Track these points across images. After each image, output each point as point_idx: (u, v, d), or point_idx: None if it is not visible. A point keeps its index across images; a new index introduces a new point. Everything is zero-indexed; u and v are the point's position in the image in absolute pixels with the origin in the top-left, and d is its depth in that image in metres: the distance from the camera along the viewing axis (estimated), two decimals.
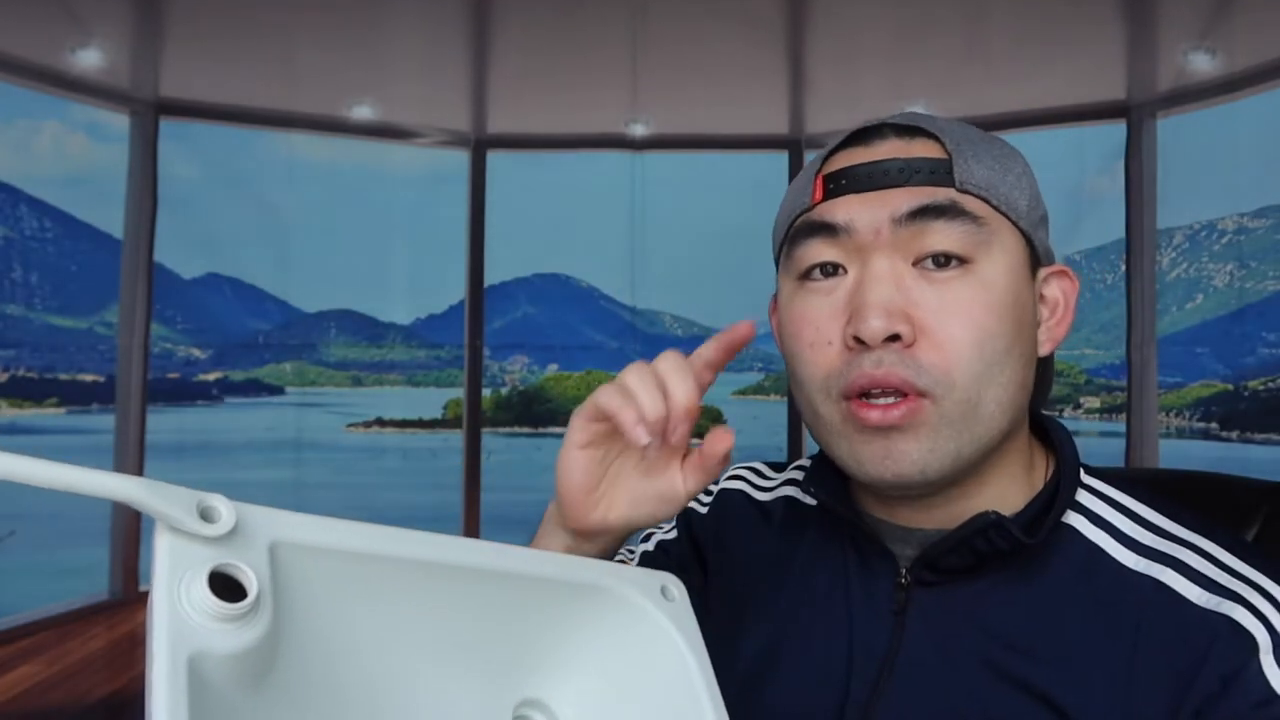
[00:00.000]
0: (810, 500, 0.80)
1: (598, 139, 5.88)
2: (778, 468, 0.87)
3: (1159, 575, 0.65)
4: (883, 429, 0.65)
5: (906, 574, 0.70)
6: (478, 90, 5.32)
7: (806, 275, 0.69)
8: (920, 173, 0.66)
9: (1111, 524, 0.69)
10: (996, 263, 0.66)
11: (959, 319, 0.64)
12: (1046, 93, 4.94)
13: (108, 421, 4.97)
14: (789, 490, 0.84)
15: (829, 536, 0.76)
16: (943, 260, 0.65)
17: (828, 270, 0.68)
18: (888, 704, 0.67)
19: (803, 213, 0.70)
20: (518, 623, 0.56)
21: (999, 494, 0.69)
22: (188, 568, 0.44)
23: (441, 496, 6.23)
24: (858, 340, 0.65)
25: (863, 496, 0.73)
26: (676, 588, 0.60)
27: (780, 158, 5.57)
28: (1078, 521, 0.69)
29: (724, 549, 0.83)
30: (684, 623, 0.59)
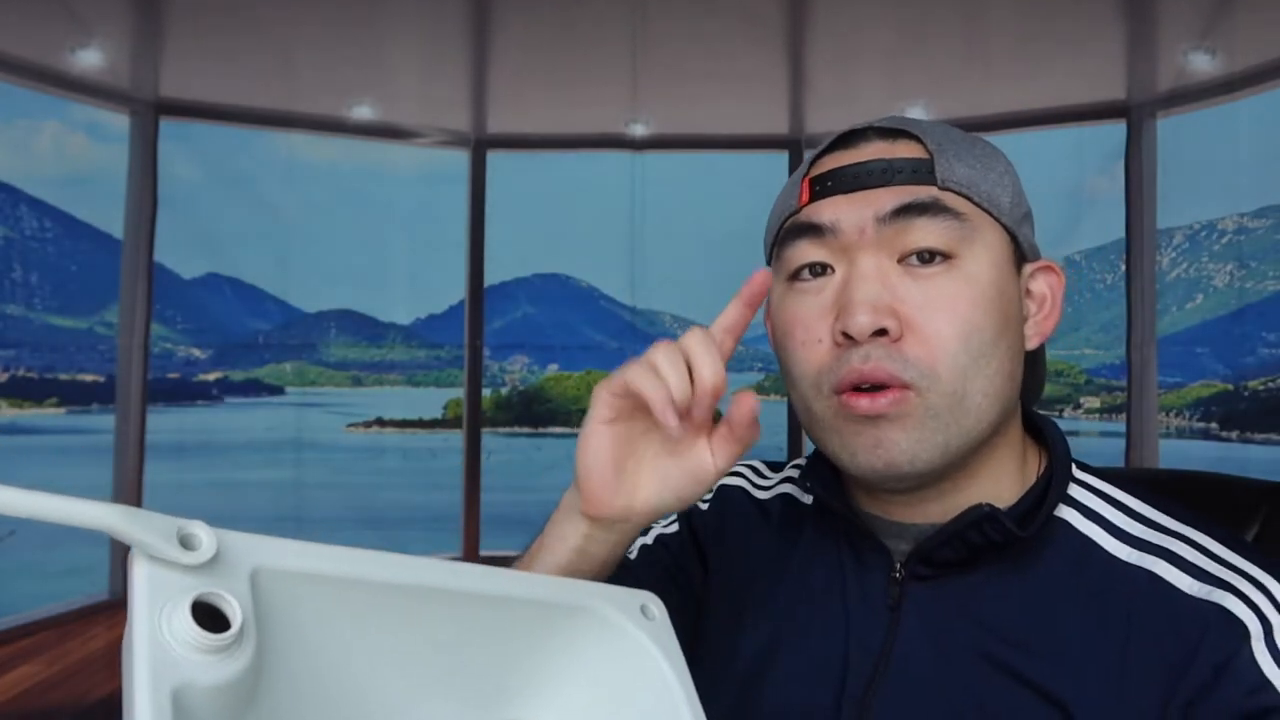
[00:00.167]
0: (807, 498, 0.81)
1: (598, 139, 5.88)
2: (776, 467, 0.88)
3: (1151, 566, 0.66)
4: (872, 417, 0.66)
5: (901, 568, 0.71)
6: (478, 90, 5.32)
7: (796, 276, 0.70)
8: (903, 172, 0.68)
9: (1103, 517, 0.70)
10: (980, 258, 0.67)
11: (944, 313, 0.66)
12: (1046, 93, 4.94)
13: (108, 421, 4.97)
14: (786, 488, 0.84)
15: (825, 533, 0.77)
16: (927, 256, 0.66)
17: (816, 270, 0.70)
18: (884, 698, 0.68)
19: (791, 215, 0.72)
20: (501, 645, 0.56)
21: (991, 488, 0.70)
22: (168, 597, 0.42)
23: (441, 496, 6.23)
24: (846, 336, 0.66)
25: (857, 493, 0.74)
26: (656, 606, 0.61)
27: (780, 158, 5.57)
28: (1070, 515, 0.70)
29: (725, 545, 0.83)
30: (664, 641, 0.59)
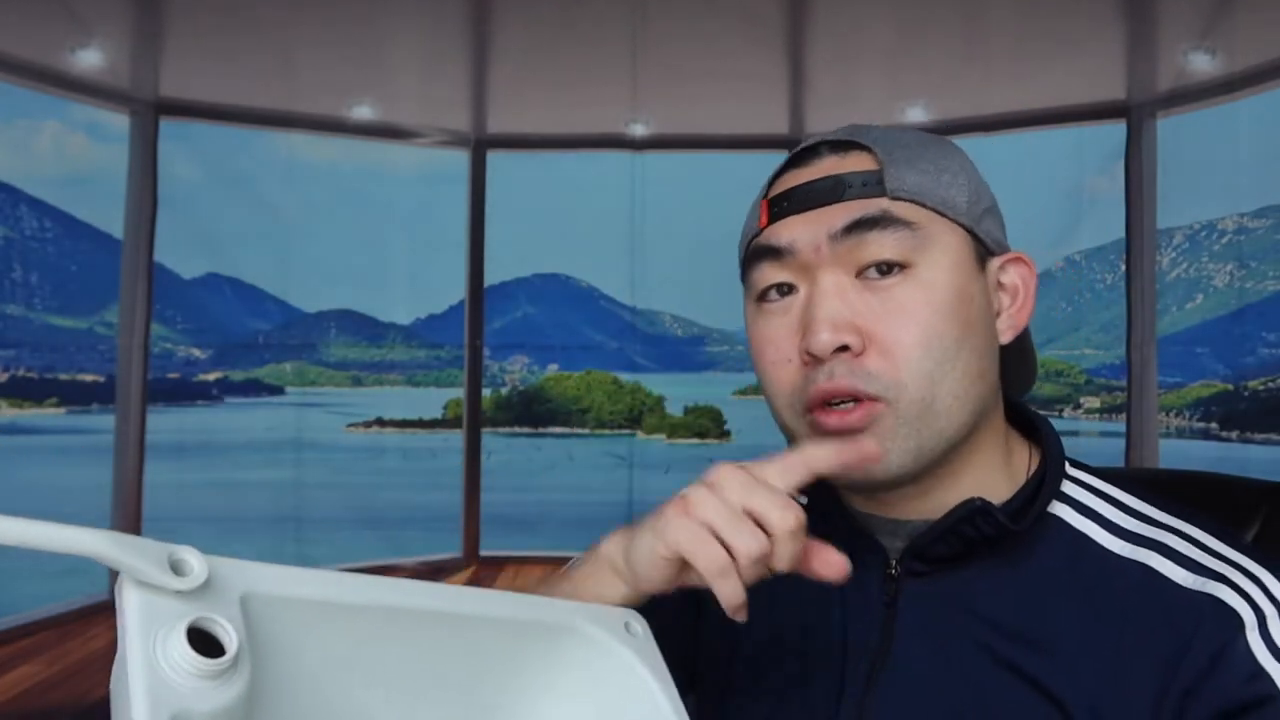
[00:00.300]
0: (801, 500, 0.81)
1: (598, 139, 5.88)
2: None
3: (1144, 559, 0.66)
4: (843, 433, 0.67)
5: (896, 565, 0.71)
6: (478, 90, 5.32)
7: (763, 297, 0.72)
8: (852, 187, 0.69)
9: (1097, 512, 0.70)
10: (937, 263, 0.68)
11: (904, 323, 0.66)
12: (1046, 93, 4.94)
13: (108, 421, 4.96)
14: None
15: (819, 534, 0.77)
16: (884, 268, 0.67)
17: (782, 290, 0.71)
18: (883, 693, 0.69)
19: (754, 237, 0.73)
20: (490, 664, 0.57)
21: (979, 483, 0.71)
22: (162, 624, 0.42)
23: (441, 496, 6.23)
24: (811, 355, 0.67)
25: (849, 495, 0.75)
26: (639, 624, 0.62)
27: (780, 158, 5.51)
28: (1063, 511, 0.71)
29: None
30: (649, 657, 0.60)
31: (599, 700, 0.59)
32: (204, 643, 0.42)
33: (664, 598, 0.63)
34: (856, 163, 0.70)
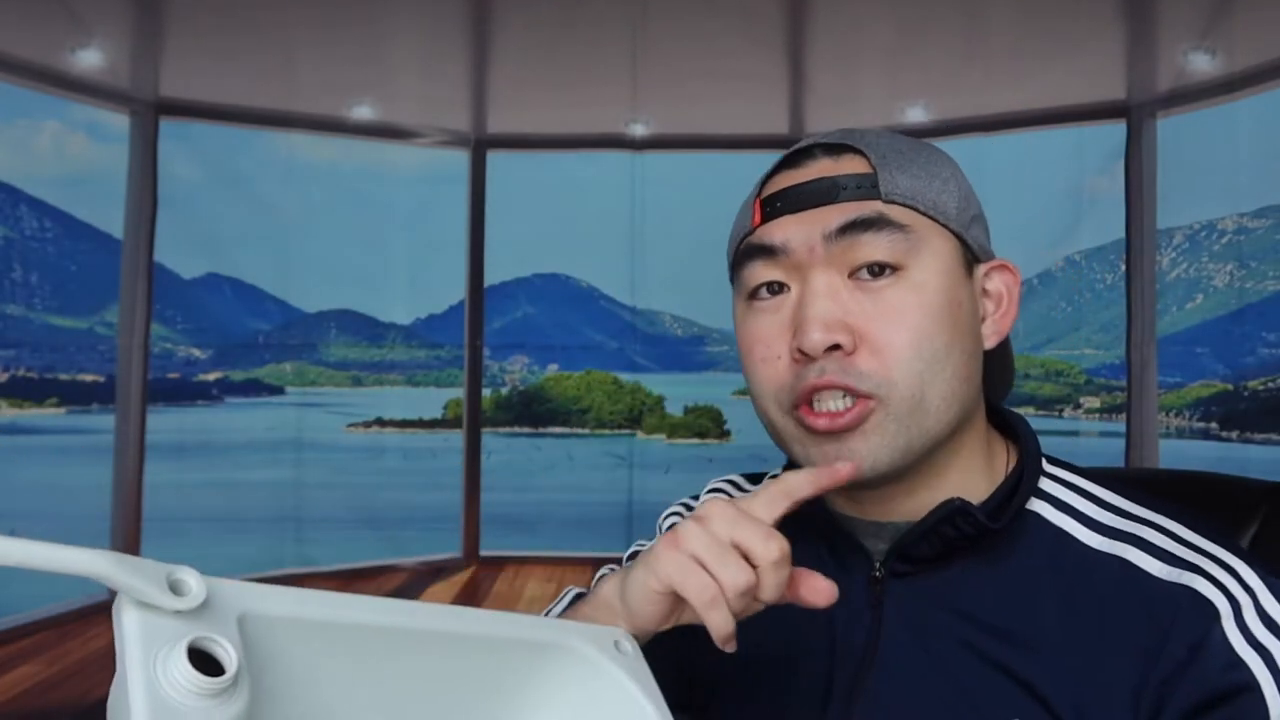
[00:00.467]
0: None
1: (598, 139, 5.88)
2: (754, 478, 0.90)
3: (1122, 553, 0.67)
4: (832, 434, 0.68)
5: (880, 566, 0.72)
6: (478, 90, 5.32)
7: (754, 295, 0.73)
8: (847, 189, 0.69)
9: (1074, 508, 0.71)
10: (928, 267, 0.69)
11: (895, 324, 0.68)
12: (1046, 93, 4.94)
13: (108, 421, 4.96)
14: None
15: (804, 538, 0.79)
16: (876, 270, 0.68)
17: (773, 289, 0.72)
18: (870, 692, 0.70)
19: (745, 236, 0.74)
20: (483, 682, 0.57)
21: (960, 483, 0.72)
22: (162, 643, 0.42)
23: (441, 496, 6.23)
24: (802, 353, 0.68)
25: (832, 497, 0.76)
26: (628, 641, 0.63)
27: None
28: (1042, 508, 0.72)
29: None
30: (639, 674, 0.61)
31: (590, 717, 0.60)
32: (203, 662, 0.43)
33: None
34: (850, 165, 0.71)
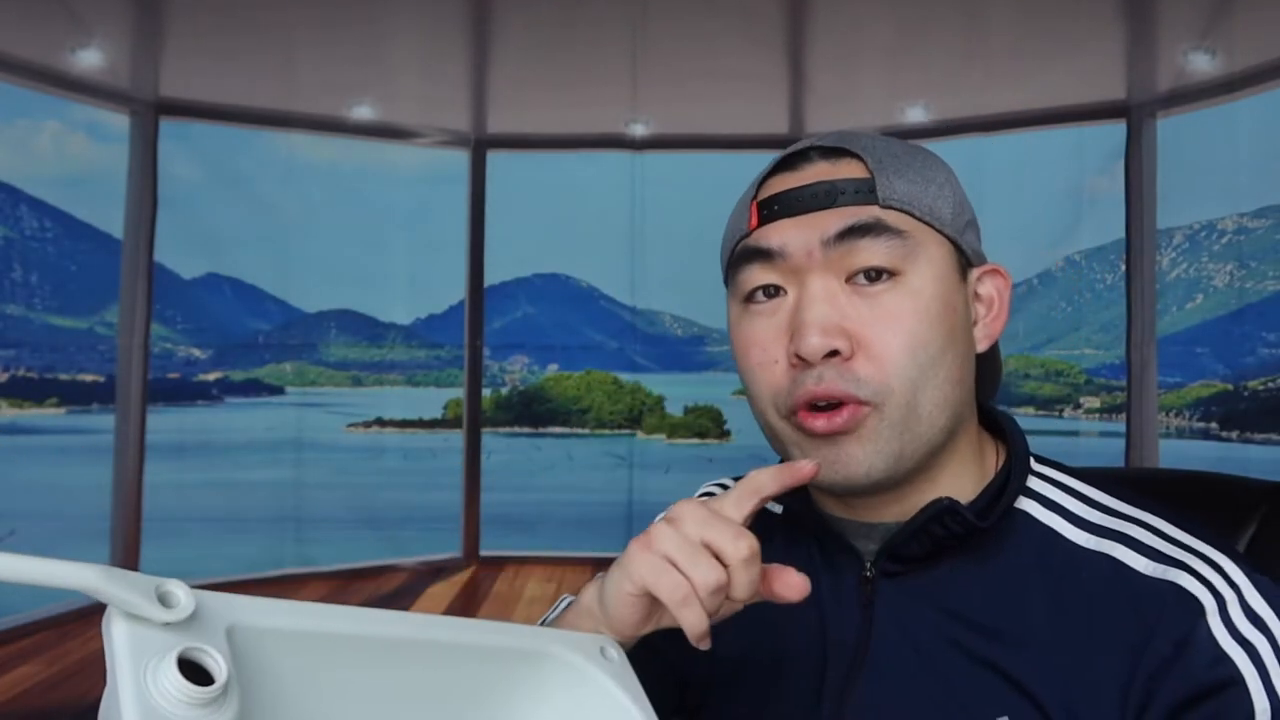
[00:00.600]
0: (775, 508, 0.83)
1: (598, 139, 5.88)
2: None
3: (1110, 551, 0.68)
4: (829, 435, 0.68)
5: (871, 567, 0.73)
6: (478, 90, 5.32)
7: (750, 298, 0.73)
8: (845, 194, 0.69)
9: (1062, 506, 0.72)
10: (924, 272, 0.69)
11: (892, 329, 0.68)
12: (1046, 93, 4.94)
13: (108, 421, 4.96)
14: None
15: (795, 540, 0.79)
16: (873, 275, 0.68)
17: (769, 292, 0.72)
18: (861, 692, 0.70)
19: (741, 239, 0.74)
20: (470, 691, 0.58)
21: (951, 484, 0.72)
22: (152, 654, 0.43)
23: (441, 496, 6.23)
24: (800, 358, 0.68)
25: (823, 499, 0.76)
26: (614, 649, 0.63)
27: None
28: (1030, 506, 0.72)
29: None
30: (625, 680, 0.61)
31: None
32: (193, 672, 0.43)
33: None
34: (848, 170, 0.71)
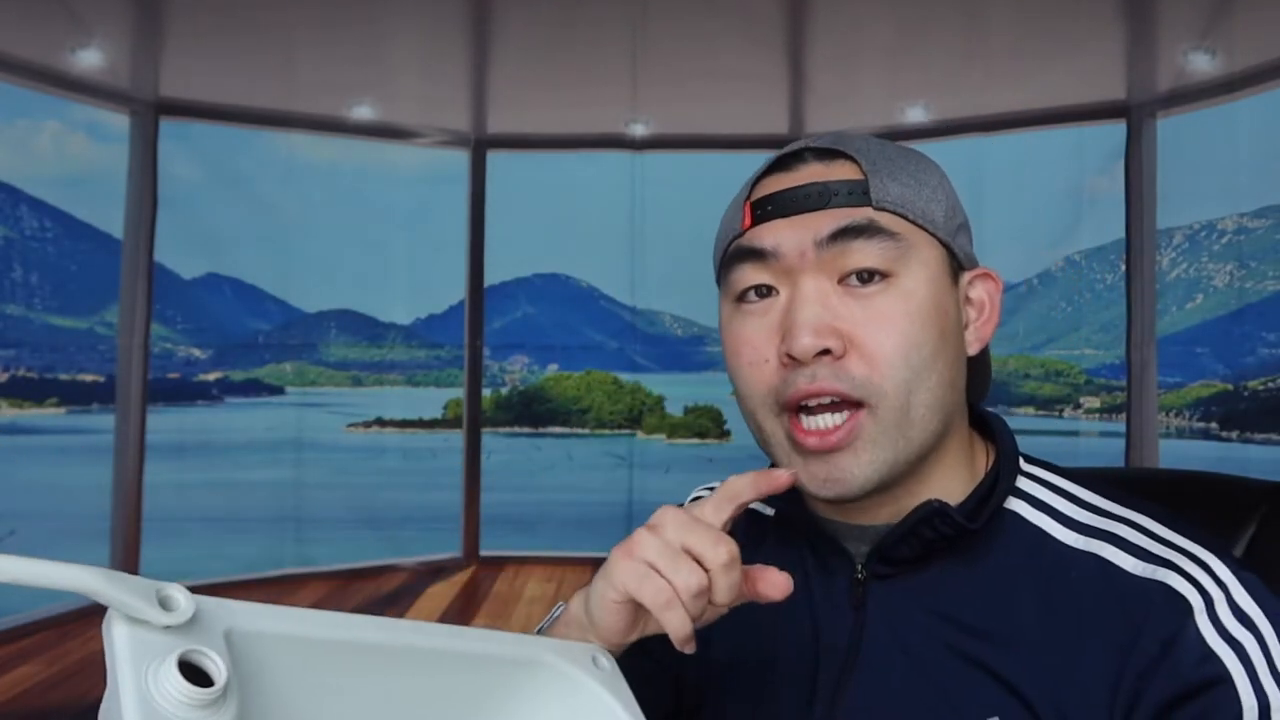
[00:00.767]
0: (768, 511, 0.83)
1: (598, 139, 5.88)
2: None
3: (1098, 551, 0.68)
4: (823, 452, 0.68)
5: (862, 569, 0.73)
6: (478, 90, 5.32)
7: (742, 298, 0.73)
8: (839, 195, 0.70)
9: (1051, 506, 0.72)
10: (916, 274, 0.70)
11: (884, 330, 0.68)
12: (1046, 93, 4.94)
13: (108, 421, 4.96)
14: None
15: (787, 543, 0.80)
16: (866, 276, 0.69)
17: (762, 292, 0.72)
18: (853, 693, 0.70)
19: (734, 238, 0.74)
20: (463, 698, 0.58)
21: (942, 486, 0.72)
22: (152, 657, 0.43)
23: (441, 496, 6.23)
24: (791, 357, 0.68)
25: (814, 502, 0.76)
26: (605, 658, 0.64)
27: None
28: (1019, 507, 0.72)
29: None
30: (617, 689, 0.62)
31: None
32: (193, 675, 0.44)
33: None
34: (842, 171, 0.71)
